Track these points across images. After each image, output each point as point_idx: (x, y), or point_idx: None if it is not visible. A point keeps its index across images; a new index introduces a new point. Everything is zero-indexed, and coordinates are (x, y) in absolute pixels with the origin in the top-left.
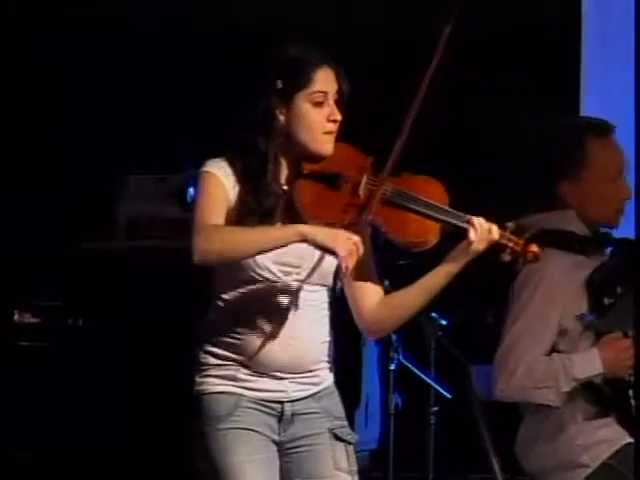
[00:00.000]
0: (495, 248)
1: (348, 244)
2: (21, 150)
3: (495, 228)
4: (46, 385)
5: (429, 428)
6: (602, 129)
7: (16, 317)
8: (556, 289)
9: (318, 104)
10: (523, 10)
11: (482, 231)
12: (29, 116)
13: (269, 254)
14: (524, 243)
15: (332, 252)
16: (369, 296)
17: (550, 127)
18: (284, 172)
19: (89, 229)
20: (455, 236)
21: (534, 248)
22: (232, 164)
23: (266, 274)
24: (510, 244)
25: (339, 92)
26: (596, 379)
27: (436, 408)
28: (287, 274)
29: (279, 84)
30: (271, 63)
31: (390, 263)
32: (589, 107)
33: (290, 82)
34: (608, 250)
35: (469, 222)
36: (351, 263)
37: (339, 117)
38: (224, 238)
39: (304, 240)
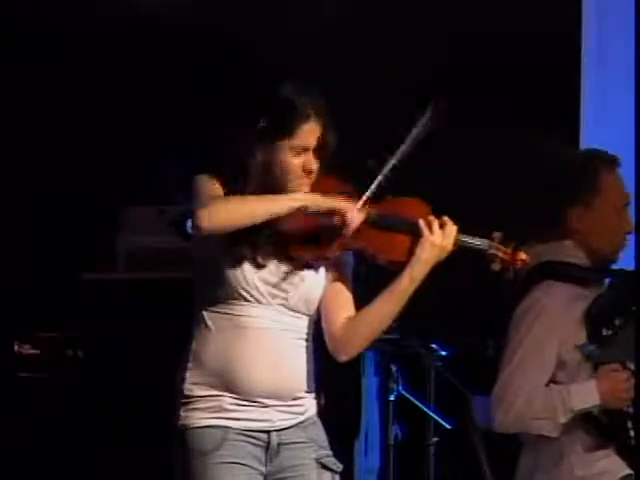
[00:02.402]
0: (485, 258)
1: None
2: (21, 179)
3: (450, 222)
4: (46, 416)
5: (429, 459)
6: (613, 161)
7: (16, 348)
8: (555, 321)
9: (297, 154)
10: (521, 39)
11: (433, 225)
12: (29, 147)
13: (255, 273)
14: (512, 252)
15: (335, 212)
16: (340, 318)
17: (552, 154)
18: None
19: (90, 260)
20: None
21: (522, 256)
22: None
23: (254, 292)
24: (499, 253)
25: (322, 145)
26: (595, 411)
27: (436, 439)
28: (274, 297)
29: (262, 122)
30: (260, 101)
31: None
32: (588, 132)
33: (274, 127)
34: (606, 281)
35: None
36: (357, 220)
37: (314, 167)
38: (232, 201)
39: (306, 208)
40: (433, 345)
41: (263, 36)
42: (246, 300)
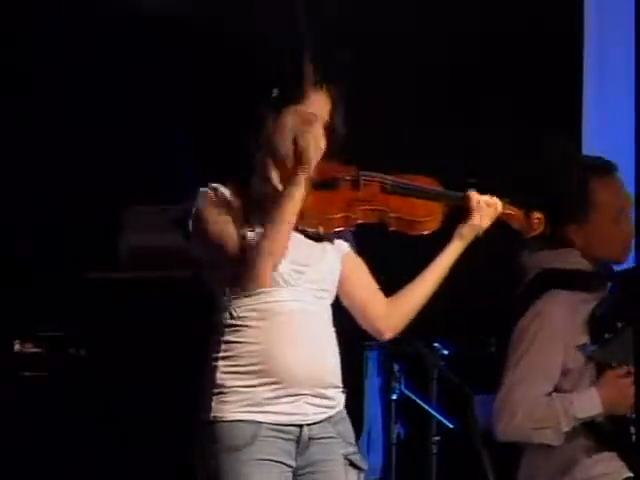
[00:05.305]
0: (502, 221)
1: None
2: (24, 179)
3: (497, 202)
4: (46, 416)
5: (431, 458)
6: (605, 169)
7: (17, 347)
8: (559, 331)
9: (305, 123)
10: (522, 39)
11: (483, 204)
12: (30, 146)
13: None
14: (525, 212)
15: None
16: (377, 308)
17: (550, 159)
18: (275, 175)
19: (92, 260)
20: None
21: (537, 214)
22: (227, 183)
23: (283, 276)
24: (512, 212)
25: (331, 123)
26: (597, 417)
27: (438, 438)
28: (300, 274)
29: (275, 92)
30: (273, 72)
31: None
32: (590, 133)
33: (284, 93)
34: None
35: (467, 196)
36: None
37: (322, 144)
38: (268, 237)
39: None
40: (435, 344)
41: (263, 36)
42: (275, 287)
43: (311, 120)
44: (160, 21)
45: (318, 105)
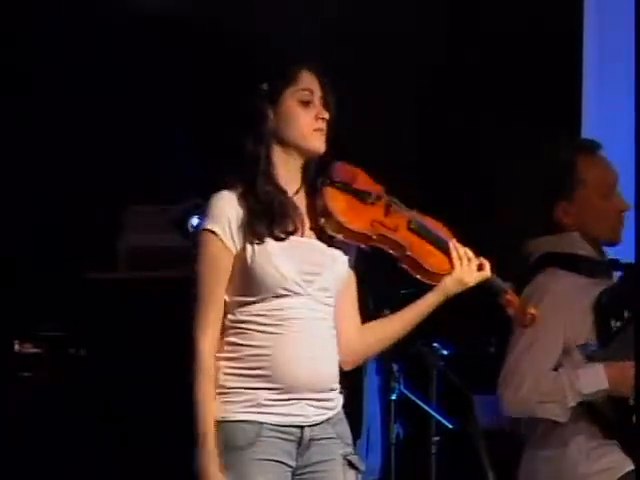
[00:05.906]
0: (498, 303)
1: None
2: (24, 179)
3: (484, 262)
4: (46, 416)
5: (430, 458)
6: (591, 147)
7: (17, 347)
8: (560, 305)
9: (305, 103)
10: (522, 39)
11: (463, 256)
12: (30, 146)
13: (291, 265)
14: (524, 304)
15: None
16: (349, 329)
17: (547, 149)
18: (283, 174)
19: (91, 260)
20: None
21: (532, 310)
22: (235, 187)
23: (293, 287)
24: (513, 300)
25: (323, 98)
26: (599, 402)
27: (437, 438)
28: (310, 283)
29: (265, 87)
30: (255, 69)
31: (393, 292)
32: (590, 133)
33: (276, 81)
34: (616, 274)
35: (447, 245)
36: None
37: (326, 115)
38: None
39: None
40: (435, 344)
41: (263, 36)
42: (283, 296)
43: (309, 100)
44: (160, 21)
45: (309, 81)
